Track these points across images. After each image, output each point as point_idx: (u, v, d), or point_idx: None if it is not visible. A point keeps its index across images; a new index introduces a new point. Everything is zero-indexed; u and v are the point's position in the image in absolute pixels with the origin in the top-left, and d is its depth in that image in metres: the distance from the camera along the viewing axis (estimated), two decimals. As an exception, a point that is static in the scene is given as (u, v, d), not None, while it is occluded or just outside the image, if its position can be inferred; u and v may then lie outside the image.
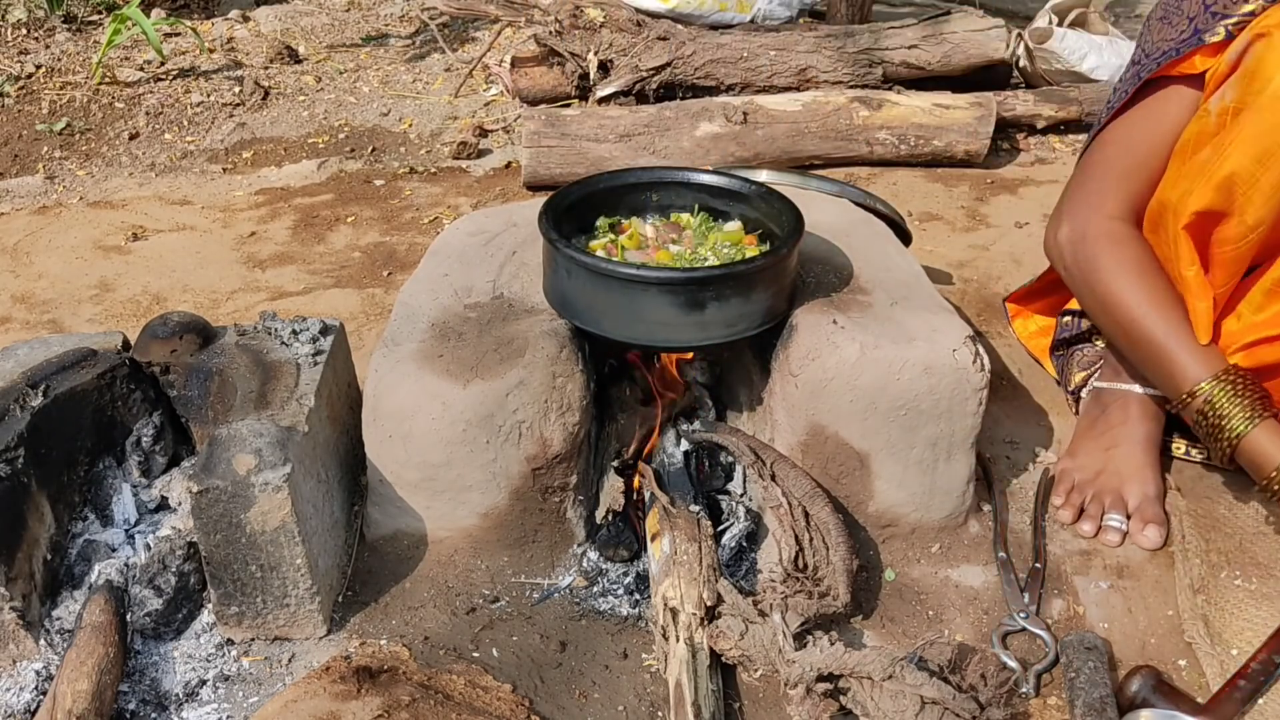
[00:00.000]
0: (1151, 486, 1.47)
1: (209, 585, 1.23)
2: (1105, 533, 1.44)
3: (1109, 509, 1.45)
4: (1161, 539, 1.42)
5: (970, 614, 1.33)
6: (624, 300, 1.29)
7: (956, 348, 1.32)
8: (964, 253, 2.31)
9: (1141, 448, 1.50)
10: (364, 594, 1.34)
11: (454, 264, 1.54)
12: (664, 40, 2.99)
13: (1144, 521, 1.43)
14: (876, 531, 1.40)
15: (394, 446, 1.32)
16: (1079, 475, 1.50)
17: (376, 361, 1.34)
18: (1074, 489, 1.49)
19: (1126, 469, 1.48)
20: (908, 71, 3.00)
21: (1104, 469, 1.49)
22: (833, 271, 1.49)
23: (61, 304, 2.17)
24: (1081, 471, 1.50)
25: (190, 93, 3.33)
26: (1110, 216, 1.42)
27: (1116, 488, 1.47)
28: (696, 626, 1.19)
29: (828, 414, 1.34)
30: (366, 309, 2.11)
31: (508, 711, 1.15)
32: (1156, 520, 1.43)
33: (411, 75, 3.60)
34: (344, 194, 2.70)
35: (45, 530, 1.25)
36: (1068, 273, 1.48)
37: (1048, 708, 1.20)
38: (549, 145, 2.61)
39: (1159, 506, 1.45)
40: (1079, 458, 1.53)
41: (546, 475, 1.34)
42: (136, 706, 1.18)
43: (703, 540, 1.26)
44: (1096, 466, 1.50)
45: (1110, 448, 1.51)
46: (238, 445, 1.19)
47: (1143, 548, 1.42)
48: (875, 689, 1.11)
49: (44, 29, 3.82)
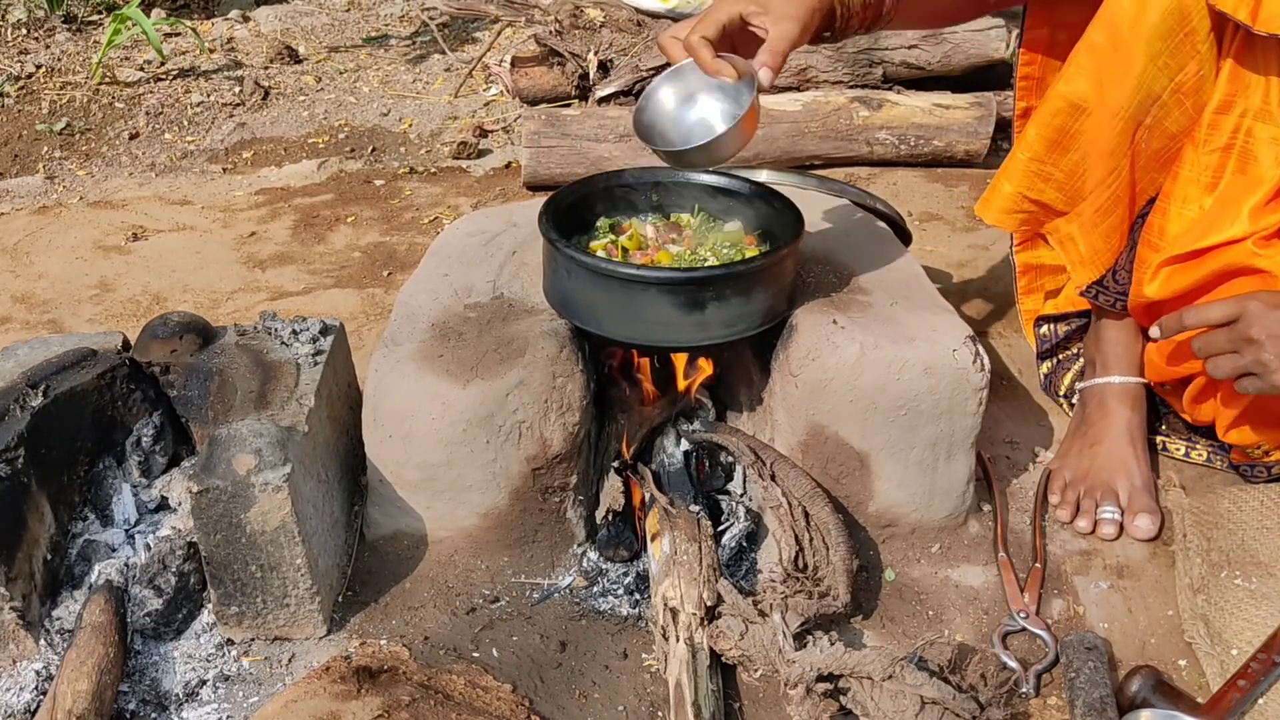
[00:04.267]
0: (1138, 476, 1.48)
1: (209, 585, 1.23)
2: (1101, 526, 1.45)
3: (1101, 502, 1.46)
4: (1154, 527, 1.43)
5: (970, 614, 1.33)
6: (624, 300, 1.29)
7: (956, 348, 1.32)
8: (964, 253, 2.31)
9: (1125, 439, 1.51)
10: (364, 594, 1.34)
11: (454, 264, 1.54)
12: (664, 40, 2.98)
13: (1134, 512, 1.44)
14: (876, 531, 1.40)
15: (394, 446, 1.32)
16: (1069, 474, 1.51)
17: (376, 361, 1.34)
18: (1066, 487, 1.50)
19: (1112, 462, 1.49)
20: (907, 71, 2.99)
21: (1091, 465, 1.50)
22: (833, 271, 1.49)
23: (61, 304, 2.17)
24: (1071, 470, 1.52)
25: (190, 93, 3.33)
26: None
27: (1106, 481, 1.48)
28: (696, 626, 1.19)
29: (828, 414, 1.34)
30: (366, 309, 2.11)
31: (508, 711, 1.15)
32: (1147, 510, 1.44)
33: (411, 75, 3.60)
34: (344, 194, 2.70)
35: (45, 530, 1.25)
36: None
37: (1048, 708, 1.20)
38: (549, 145, 2.61)
39: (1148, 496, 1.46)
40: (1067, 458, 1.54)
41: (546, 475, 1.34)
42: (136, 706, 1.18)
43: (703, 540, 1.26)
44: (1084, 464, 1.51)
45: (1095, 444, 1.52)
46: (238, 445, 1.19)
47: (1136, 538, 1.43)
48: (875, 689, 1.11)
49: (44, 29, 3.82)
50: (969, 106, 2.73)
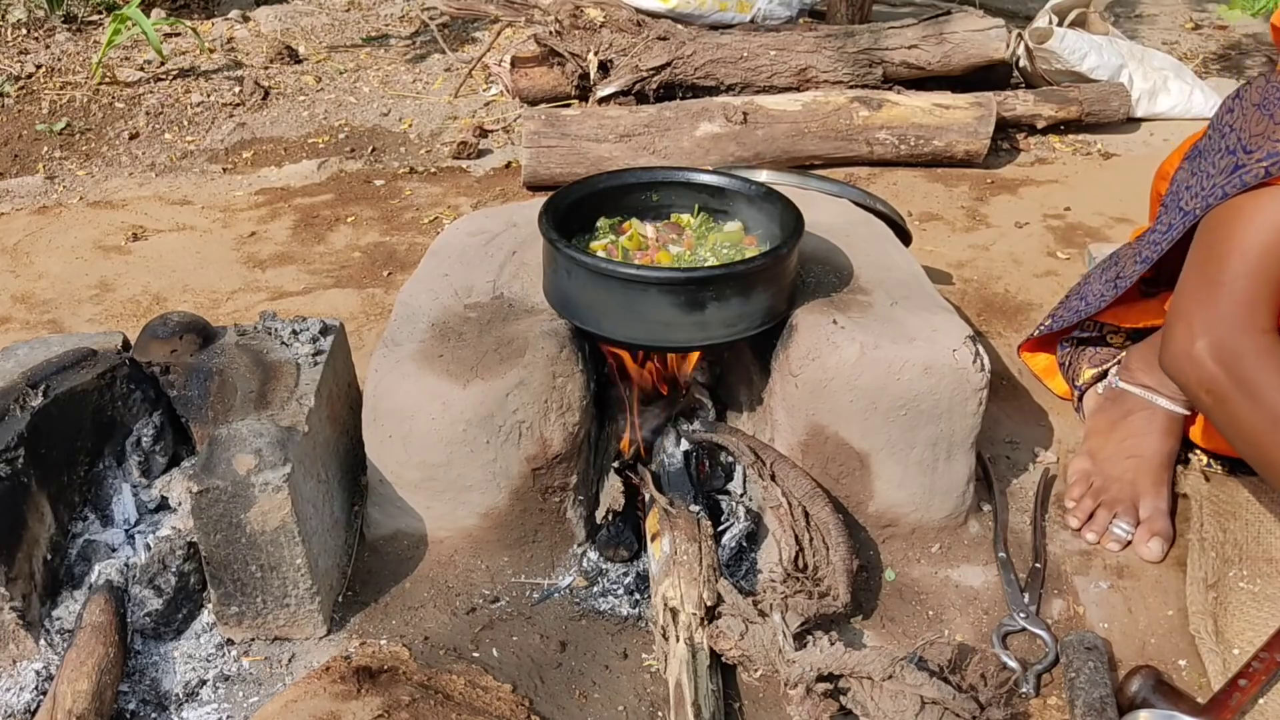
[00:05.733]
0: (1164, 502, 1.46)
1: (209, 585, 1.23)
2: (1108, 539, 1.43)
3: (1119, 516, 1.44)
4: (1163, 554, 1.41)
5: (970, 614, 1.33)
6: (624, 300, 1.29)
7: (956, 348, 1.32)
8: (964, 253, 2.31)
9: (1162, 463, 1.49)
10: (364, 594, 1.34)
11: (454, 264, 1.54)
12: (664, 40, 2.99)
13: (1151, 533, 1.42)
14: (876, 531, 1.40)
15: (394, 446, 1.32)
16: (1097, 480, 1.49)
17: (376, 361, 1.34)
18: (1089, 493, 1.48)
19: (1145, 481, 1.47)
20: (908, 71, 3.00)
21: (1121, 477, 1.48)
22: (833, 271, 1.49)
23: (61, 304, 2.17)
24: (1100, 477, 1.49)
25: (190, 93, 3.33)
26: (1263, 330, 1.27)
27: (1132, 497, 1.46)
28: (696, 626, 1.19)
29: (828, 414, 1.34)
30: (366, 309, 2.11)
31: (508, 711, 1.15)
32: (1163, 534, 1.42)
33: (411, 75, 3.60)
34: (344, 194, 2.70)
35: (45, 530, 1.25)
36: (1212, 392, 1.28)
37: (1048, 708, 1.20)
38: (549, 145, 2.61)
39: (1168, 521, 1.45)
40: (1098, 461, 1.51)
41: (546, 475, 1.34)
42: (136, 706, 1.18)
43: (703, 540, 1.26)
44: (1115, 473, 1.48)
45: (1132, 456, 1.49)
46: (238, 445, 1.19)
47: (1143, 558, 1.41)
48: (875, 689, 1.11)
49: (44, 29, 3.82)
50: (969, 106, 2.73)
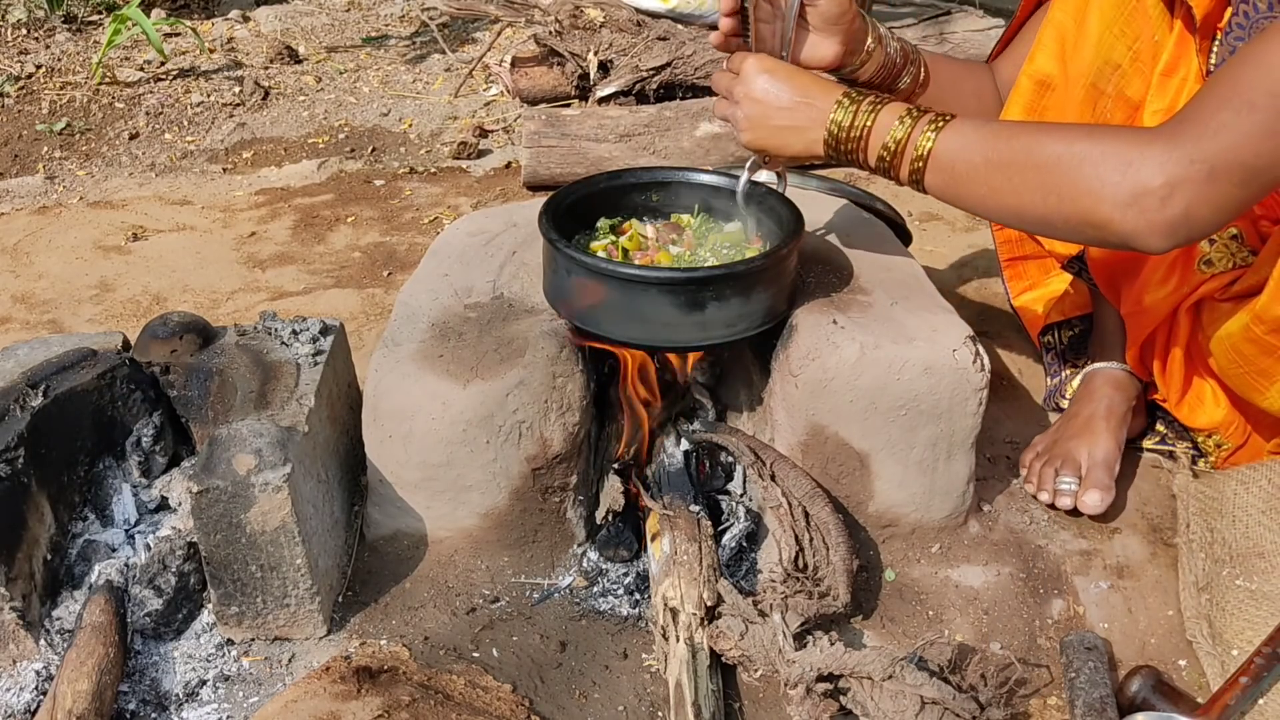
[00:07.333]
0: (1100, 450, 1.48)
1: (209, 585, 1.23)
2: (1059, 497, 1.46)
3: (1061, 471, 1.47)
4: (1102, 505, 1.44)
5: (970, 614, 1.33)
6: (624, 301, 1.29)
7: (956, 348, 1.32)
8: (964, 253, 2.31)
9: (1100, 414, 1.52)
10: (364, 594, 1.34)
11: (454, 264, 1.54)
12: (664, 40, 2.99)
13: (1086, 486, 1.45)
14: (876, 531, 1.40)
15: (394, 446, 1.32)
16: (1040, 445, 1.54)
17: (376, 361, 1.34)
18: (1036, 456, 1.52)
19: (1082, 434, 1.50)
20: (908, 71, 2.99)
21: (1059, 435, 1.52)
22: (833, 271, 1.49)
23: (61, 304, 2.17)
24: (1043, 442, 1.54)
25: (190, 93, 3.33)
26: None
27: (1069, 450, 1.49)
28: (696, 626, 1.19)
29: (828, 414, 1.34)
30: (366, 309, 2.11)
31: (508, 711, 1.15)
32: (1099, 486, 1.44)
33: (411, 75, 3.60)
34: (344, 194, 2.70)
35: (45, 530, 1.25)
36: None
37: (1048, 708, 1.20)
38: (549, 145, 2.61)
39: (1104, 472, 1.46)
40: (1053, 429, 1.57)
41: (546, 475, 1.34)
42: (136, 706, 1.18)
43: (703, 540, 1.26)
44: (1053, 435, 1.54)
45: (1070, 419, 1.54)
46: (238, 445, 1.19)
47: (1084, 512, 1.44)
48: (875, 689, 1.11)
49: (44, 29, 3.82)
50: (969, 106, 2.73)
